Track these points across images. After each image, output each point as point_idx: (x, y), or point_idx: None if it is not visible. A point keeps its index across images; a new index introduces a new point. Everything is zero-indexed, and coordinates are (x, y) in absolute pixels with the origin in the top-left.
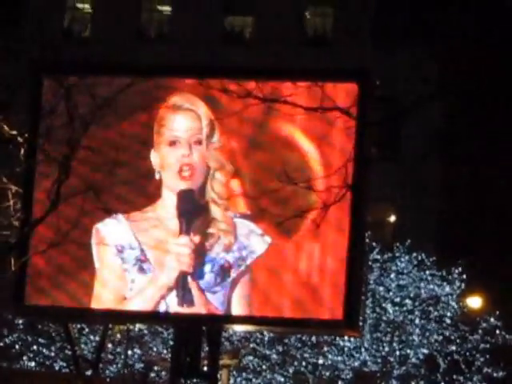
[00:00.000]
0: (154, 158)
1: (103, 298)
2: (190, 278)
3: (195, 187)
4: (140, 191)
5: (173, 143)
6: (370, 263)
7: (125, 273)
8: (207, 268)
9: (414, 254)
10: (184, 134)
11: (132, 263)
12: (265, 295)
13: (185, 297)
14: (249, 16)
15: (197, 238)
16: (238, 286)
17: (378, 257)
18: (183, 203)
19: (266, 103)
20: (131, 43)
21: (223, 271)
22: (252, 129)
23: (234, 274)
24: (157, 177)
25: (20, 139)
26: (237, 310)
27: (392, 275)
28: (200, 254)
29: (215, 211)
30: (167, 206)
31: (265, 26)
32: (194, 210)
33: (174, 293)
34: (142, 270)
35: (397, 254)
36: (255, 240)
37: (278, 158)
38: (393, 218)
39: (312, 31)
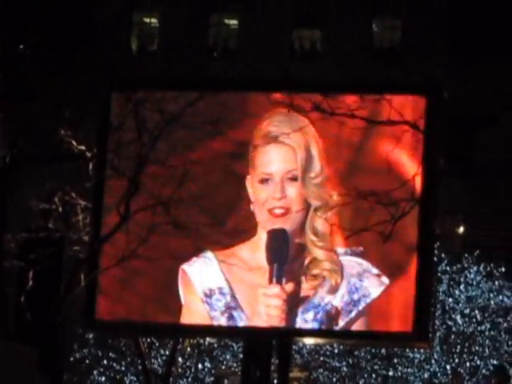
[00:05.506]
0: (248, 188)
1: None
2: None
3: (290, 227)
4: (232, 225)
5: (264, 181)
6: (439, 275)
7: (212, 321)
8: (309, 316)
9: (483, 265)
10: (276, 171)
11: (221, 310)
12: None
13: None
14: (316, 29)
15: (290, 286)
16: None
17: (447, 268)
18: (275, 245)
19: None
20: (199, 57)
21: (329, 319)
22: (350, 151)
23: (342, 322)
24: (251, 208)
25: (88, 154)
26: None
27: (461, 286)
28: (296, 303)
29: (316, 252)
30: (261, 246)
31: (332, 40)
32: (288, 253)
33: None
34: (231, 318)
35: (466, 265)
36: (370, 281)
37: (382, 184)
38: (461, 229)
39: (380, 44)
